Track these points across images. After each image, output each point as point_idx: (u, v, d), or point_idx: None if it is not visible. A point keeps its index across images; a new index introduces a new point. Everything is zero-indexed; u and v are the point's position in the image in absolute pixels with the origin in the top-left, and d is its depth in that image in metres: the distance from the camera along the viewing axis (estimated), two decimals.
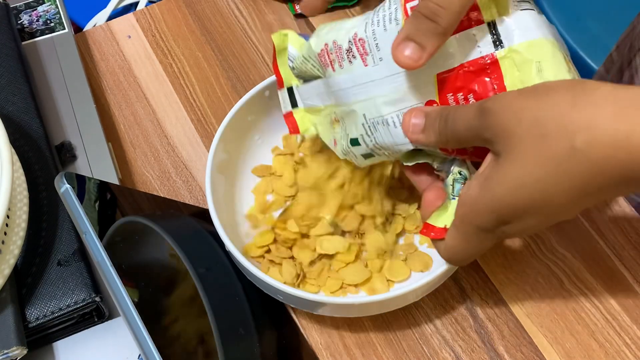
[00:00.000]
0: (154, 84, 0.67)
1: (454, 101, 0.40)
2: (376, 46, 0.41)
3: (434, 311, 0.54)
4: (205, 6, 0.72)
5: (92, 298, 0.50)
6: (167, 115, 0.65)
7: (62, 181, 0.50)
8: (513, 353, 0.52)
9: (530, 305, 0.54)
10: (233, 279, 0.51)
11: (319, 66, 0.45)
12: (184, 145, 0.63)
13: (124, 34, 0.71)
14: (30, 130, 0.58)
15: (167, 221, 0.54)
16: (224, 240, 0.49)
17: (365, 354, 0.52)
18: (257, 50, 0.69)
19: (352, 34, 0.42)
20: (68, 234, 0.53)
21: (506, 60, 0.38)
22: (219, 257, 0.51)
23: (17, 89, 0.60)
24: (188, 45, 0.70)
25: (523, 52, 0.38)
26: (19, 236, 0.50)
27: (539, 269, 0.55)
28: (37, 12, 0.68)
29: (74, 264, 0.51)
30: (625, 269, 0.55)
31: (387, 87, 0.41)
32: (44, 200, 0.54)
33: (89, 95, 0.63)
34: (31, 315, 0.49)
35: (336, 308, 0.49)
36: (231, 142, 0.55)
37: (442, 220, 0.41)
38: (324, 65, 0.44)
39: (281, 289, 0.47)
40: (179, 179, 0.62)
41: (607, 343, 0.52)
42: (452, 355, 0.52)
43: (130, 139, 0.64)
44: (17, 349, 0.47)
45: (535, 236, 0.56)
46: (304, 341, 0.53)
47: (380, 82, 0.41)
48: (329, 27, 0.44)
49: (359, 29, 0.42)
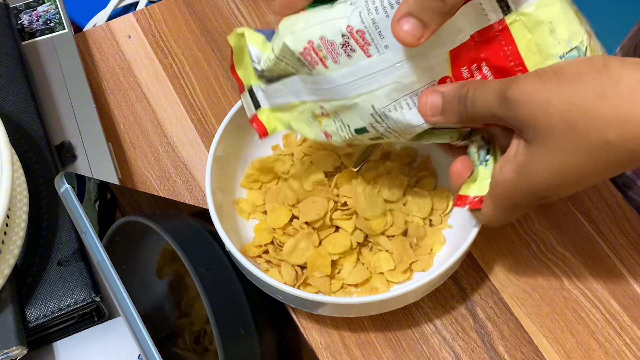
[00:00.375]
0: (154, 84, 0.67)
1: (469, 73, 0.39)
2: (379, 34, 0.39)
3: (434, 311, 0.54)
4: (205, 6, 0.72)
5: (92, 298, 0.50)
6: (167, 115, 0.65)
7: (62, 181, 0.50)
8: (513, 353, 0.52)
9: (530, 305, 0.54)
10: (233, 279, 0.51)
11: (299, 65, 0.42)
12: (184, 145, 0.63)
13: (124, 34, 0.71)
14: (30, 130, 0.58)
15: (167, 221, 0.54)
16: (224, 240, 0.49)
17: (365, 354, 0.52)
18: None
19: (345, 27, 0.39)
20: (68, 234, 0.53)
21: (516, 24, 0.38)
22: (219, 257, 0.51)
23: (17, 89, 0.60)
24: (188, 45, 0.70)
25: (532, 14, 0.37)
26: (19, 236, 0.50)
27: (539, 269, 0.55)
28: (37, 12, 0.68)
29: (74, 264, 0.51)
30: (625, 269, 0.55)
31: (397, 73, 0.40)
32: (44, 200, 0.54)
33: (89, 95, 0.63)
34: (31, 315, 0.49)
35: (336, 308, 0.49)
36: (231, 142, 0.55)
37: (473, 189, 0.42)
38: (311, 63, 0.41)
39: (281, 289, 0.47)
40: (179, 179, 0.62)
41: (607, 343, 0.52)
42: (452, 355, 0.52)
43: (130, 139, 0.64)
44: (17, 348, 0.47)
45: (535, 236, 0.56)
46: (304, 341, 0.53)
47: (389, 70, 0.40)
48: (303, 23, 0.41)
49: (352, 20, 0.39)
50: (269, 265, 0.53)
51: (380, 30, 0.39)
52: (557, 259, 0.55)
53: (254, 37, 0.45)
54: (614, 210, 0.57)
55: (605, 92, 0.34)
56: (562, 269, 0.55)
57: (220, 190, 0.53)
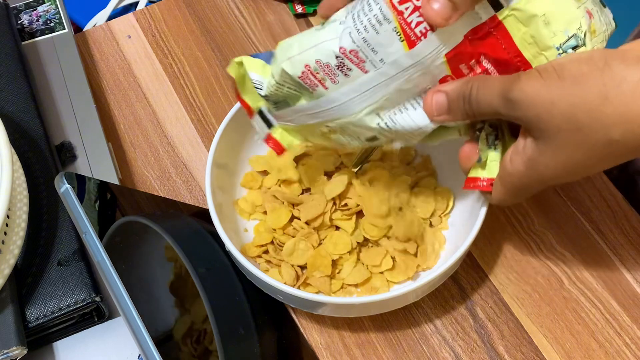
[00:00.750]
0: (154, 84, 0.67)
1: (468, 69, 0.40)
2: (372, 50, 0.40)
3: (434, 311, 0.54)
4: (205, 6, 0.72)
5: (92, 298, 0.50)
6: (167, 115, 0.65)
7: (62, 181, 0.50)
8: (513, 353, 0.52)
9: (530, 305, 0.54)
10: (233, 279, 0.51)
11: (301, 87, 0.43)
12: (184, 145, 0.63)
13: (124, 34, 0.71)
14: (30, 130, 0.58)
15: (167, 221, 0.54)
16: (224, 240, 0.49)
17: (365, 354, 0.52)
18: (257, 50, 0.69)
19: (338, 49, 0.40)
20: (68, 234, 0.53)
21: (509, 18, 0.38)
22: (219, 257, 0.51)
23: (17, 89, 0.60)
24: (188, 45, 0.70)
25: (524, 8, 0.38)
26: (19, 236, 0.50)
27: (539, 269, 0.55)
28: (37, 12, 0.68)
29: (74, 264, 0.51)
30: (625, 268, 0.55)
31: (398, 82, 0.40)
32: (44, 200, 0.54)
33: (89, 95, 0.63)
34: (31, 315, 0.49)
35: (336, 308, 0.49)
36: (231, 142, 0.55)
37: (482, 172, 0.43)
38: (311, 85, 0.42)
39: (281, 289, 0.47)
40: (179, 179, 0.62)
41: (607, 343, 0.52)
42: (452, 355, 0.52)
43: (130, 139, 0.64)
44: (17, 348, 0.47)
45: (535, 236, 0.56)
46: (304, 341, 0.53)
47: (389, 81, 0.41)
48: (297, 47, 0.42)
49: (343, 41, 0.40)
50: (269, 265, 0.53)
51: (373, 47, 0.40)
52: (557, 259, 0.55)
53: (252, 63, 0.45)
54: (614, 210, 0.57)
55: (607, 93, 0.34)
56: (562, 269, 0.55)
57: (220, 190, 0.53)
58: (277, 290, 0.47)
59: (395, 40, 0.39)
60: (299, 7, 0.71)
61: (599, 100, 0.35)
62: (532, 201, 0.58)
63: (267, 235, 0.53)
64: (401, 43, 0.39)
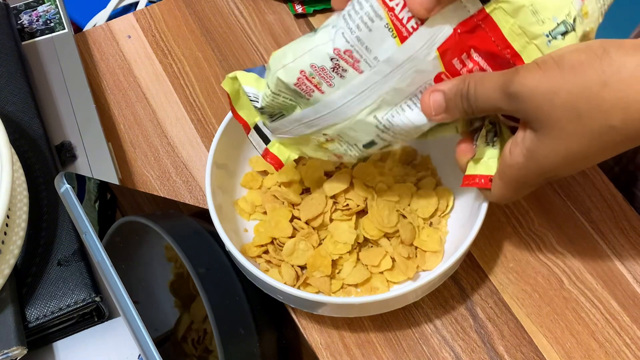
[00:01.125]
0: (154, 84, 0.67)
1: (460, 63, 0.40)
2: (366, 49, 0.40)
3: (434, 311, 0.54)
4: (205, 6, 0.72)
5: (92, 298, 0.50)
6: (167, 115, 0.65)
7: (62, 181, 0.50)
8: (513, 353, 0.52)
9: (530, 305, 0.54)
10: (233, 279, 0.51)
11: (296, 96, 0.43)
12: (184, 145, 0.63)
13: (124, 34, 0.71)
14: (30, 130, 0.58)
15: (167, 221, 0.54)
16: (224, 240, 0.49)
17: (365, 354, 0.52)
18: (257, 50, 0.69)
19: (332, 50, 0.40)
20: (68, 234, 0.53)
21: (497, 11, 0.38)
22: (219, 257, 0.51)
23: (17, 89, 0.60)
24: (188, 45, 0.70)
25: (511, 0, 0.38)
26: (19, 236, 0.50)
27: (539, 269, 0.55)
28: (37, 12, 0.68)
29: (74, 264, 0.51)
30: (625, 268, 0.55)
31: (393, 80, 0.41)
32: (44, 200, 0.54)
33: (89, 95, 0.63)
34: (31, 315, 0.49)
35: (336, 308, 0.49)
36: (231, 142, 0.55)
37: (480, 169, 0.44)
38: (307, 91, 0.42)
39: (281, 289, 0.47)
40: (179, 179, 0.62)
41: (607, 343, 0.52)
42: (452, 355, 0.52)
43: (130, 139, 0.64)
44: (17, 348, 0.47)
45: (535, 236, 0.56)
46: (304, 341, 0.53)
47: (385, 80, 0.41)
48: (291, 55, 0.42)
49: (337, 42, 0.40)
50: (269, 265, 0.53)
51: (367, 45, 0.40)
52: (557, 259, 0.55)
53: (246, 77, 0.46)
54: (614, 210, 0.57)
55: (607, 80, 0.35)
56: (562, 269, 0.55)
57: (220, 190, 0.53)
58: (277, 290, 0.47)
59: (387, 37, 0.39)
60: (299, 7, 0.71)
61: (598, 87, 0.35)
62: (532, 201, 0.58)
63: (266, 235, 0.53)
64: (394, 39, 0.39)
